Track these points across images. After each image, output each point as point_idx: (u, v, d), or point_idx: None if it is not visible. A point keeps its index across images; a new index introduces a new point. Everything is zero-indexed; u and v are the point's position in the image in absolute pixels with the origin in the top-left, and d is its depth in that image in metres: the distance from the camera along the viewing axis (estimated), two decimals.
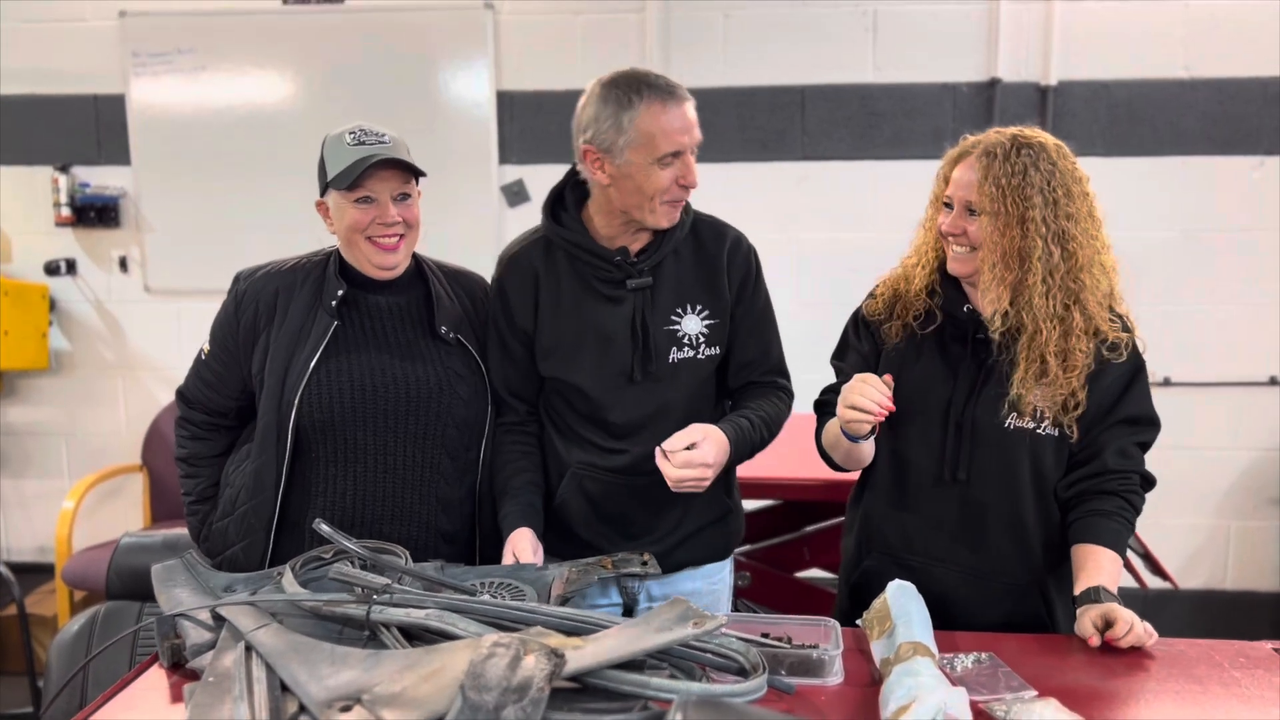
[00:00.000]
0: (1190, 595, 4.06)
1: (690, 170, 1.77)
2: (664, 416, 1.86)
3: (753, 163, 3.99)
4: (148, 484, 4.12)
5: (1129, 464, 1.73)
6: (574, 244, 1.85)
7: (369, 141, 1.80)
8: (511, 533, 1.83)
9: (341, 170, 1.78)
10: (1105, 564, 1.64)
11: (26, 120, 4.15)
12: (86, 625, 2.11)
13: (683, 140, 1.74)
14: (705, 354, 1.88)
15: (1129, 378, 1.75)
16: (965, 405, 1.75)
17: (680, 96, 1.75)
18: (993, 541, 1.77)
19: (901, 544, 1.83)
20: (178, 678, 1.41)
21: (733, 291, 1.90)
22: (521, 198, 4.06)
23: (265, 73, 4.07)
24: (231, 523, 1.91)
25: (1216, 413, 3.97)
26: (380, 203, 1.81)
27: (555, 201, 1.91)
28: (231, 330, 1.91)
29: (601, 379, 1.86)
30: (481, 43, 3.99)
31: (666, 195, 1.76)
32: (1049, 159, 1.68)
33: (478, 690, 1.05)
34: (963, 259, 1.74)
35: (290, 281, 1.91)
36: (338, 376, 1.85)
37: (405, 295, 1.93)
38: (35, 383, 4.30)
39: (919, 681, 1.26)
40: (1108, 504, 1.70)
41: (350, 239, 1.85)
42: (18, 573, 3.49)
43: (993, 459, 1.75)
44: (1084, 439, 1.73)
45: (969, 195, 1.70)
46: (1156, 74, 3.85)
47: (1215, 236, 3.89)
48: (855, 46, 3.93)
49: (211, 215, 4.11)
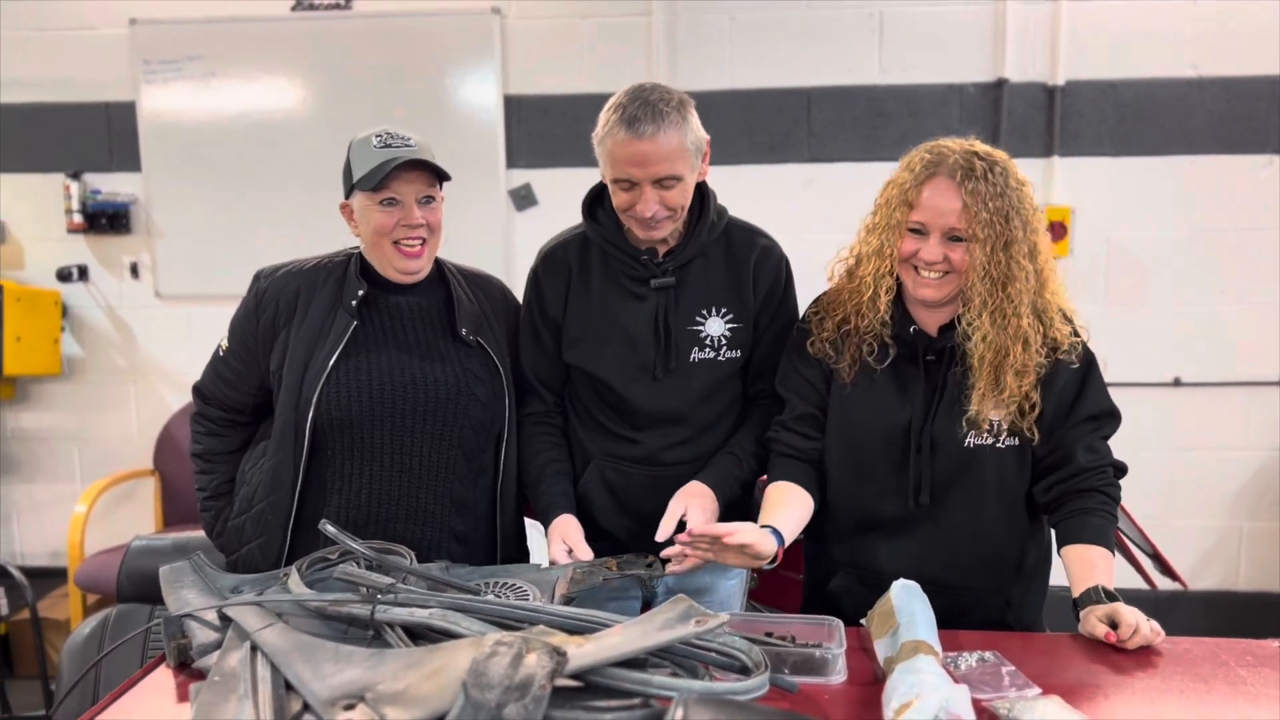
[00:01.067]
0: (1202, 596, 4.03)
1: (642, 202, 1.76)
2: (681, 413, 1.91)
3: (759, 165, 3.99)
4: (159, 488, 4.15)
5: (1099, 459, 1.74)
6: (606, 240, 1.91)
7: (395, 144, 1.83)
8: (557, 518, 1.86)
9: (367, 171, 1.80)
10: (1099, 562, 1.65)
11: (38, 128, 4.19)
12: (98, 627, 2.13)
13: (631, 171, 1.74)
14: (726, 356, 1.91)
15: (1082, 376, 1.75)
16: (923, 428, 1.74)
17: (639, 131, 1.71)
18: (961, 558, 1.77)
19: (869, 565, 1.82)
20: (184, 677, 1.42)
21: (758, 299, 1.93)
22: (529, 201, 4.07)
23: (274, 79, 4.09)
24: (248, 520, 1.92)
25: (1227, 413, 3.95)
26: (405, 205, 1.83)
27: (594, 200, 1.96)
28: (251, 327, 1.93)
29: (623, 371, 1.90)
30: (489, 47, 4.00)
31: (627, 212, 1.81)
32: (1013, 173, 1.68)
33: (480, 688, 1.05)
34: (936, 284, 1.70)
35: (312, 280, 1.92)
36: (356, 375, 1.86)
37: (426, 297, 1.95)
38: (48, 388, 4.33)
39: (921, 679, 1.26)
40: (1088, 501, 1.71)
41: (376, 242, 1.86)
42: (30, 577, 3.51)
43: (956, 478, 1.75)
44: (1050, 443, 1.73)
45: (952, 222, 1.65)
46: (1164, 73, 3.84)
47: (1224, 236, 3.88)
48: (861, 48, 3.93)
49: (221, 221, 4.14)
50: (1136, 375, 3.92)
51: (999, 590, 1.79)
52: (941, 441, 1.74)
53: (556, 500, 1.90)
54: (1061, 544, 1.72)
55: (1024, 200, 1.67)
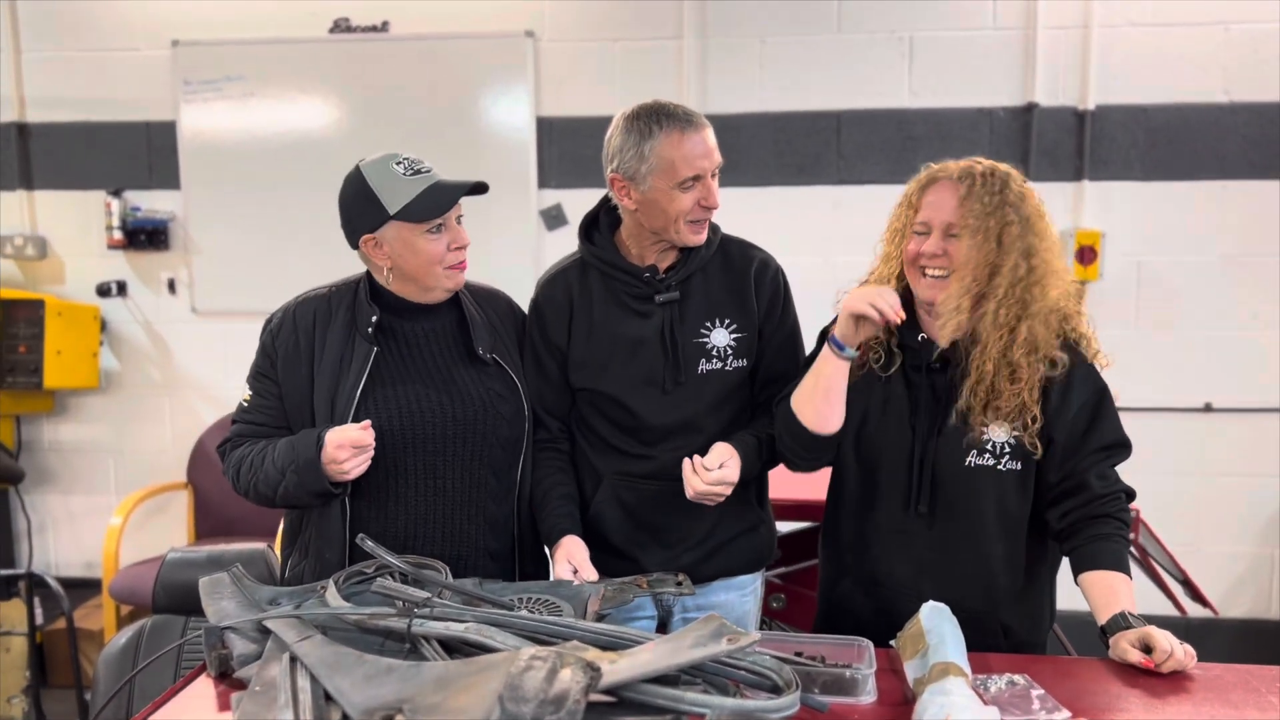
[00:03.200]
0: (1233, 624, 3.98)
1: (711, 193, 1.86)
2: (693, 424, 1.94)
3: (789, 187, 4.01)
4: (193, 501, 4.20)
5: (1111, 485, 1.75)
6: (606, 262, 1.94)
7: (423, 170, 1.83)
8: (562, 539, 1.88)
9: (413, 200, 1.80)
10: (1120, 588, 1.66)
11: (81, 146, 4.28)
12: (133, 639, 2.15)
13: (702, 165, 1.83)
14: (733, 365, 1.95)
15: (1094, 407, 1.76)
16: (928, 441, 1.77)
17: (698, 124, 1.83)
18: (958, 574, 1.78)
19: (870, 574, 1.85)
20: (224, 687, 1.45)
21: (761, 310, 1.97)
22: (560, 221, 4.11)
23: (311, 99, 4.17)
24: (306, 565, 1.92)
25: (1258, 439, 3.91)
26: (449, 227, 1.85)
27: (590, 225, 2.01)
28: (268, 368, 1.92)
29: (633, 387, 1.93)
30: (522, 70, 4.06)
31: (690, 216, 1.86)
32: (1016, 182, 1.74)
33: (515, 701, 1.07)
34: (937, 284, 1.74)
35: (325, 309, 1.92)
36: (385, 405, 1.86)
37: (440, 320, 1.96)
38: (85, 401, 4.40)
39: (951, 701, 1.27)
40: (1104, 527, 1.72)
41: (429, 271, 1.86)
42: (66, 587, 3.55)
43: (956, 496, 1.77)
44: (1062, 470, 1.74)
45: (948, 217, 1.73)
46: (1196, 99, 3.83)
47: (1256, 261, 3.85)
48: (891, 72, 3.96)
49: (258, 239, 4.22)
50: (1167, 400, 3.89)
51: (993, 614, 1.79)
52: (941, 457, 1.76)
53: (560, 522, 1.92)
54: (1078, 570, 1.72)
55: (1025, 202, 1.73)
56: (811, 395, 1.80)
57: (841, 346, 1.75)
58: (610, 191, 1.92)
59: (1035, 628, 1.84)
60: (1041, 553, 1.83)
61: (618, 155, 1.85)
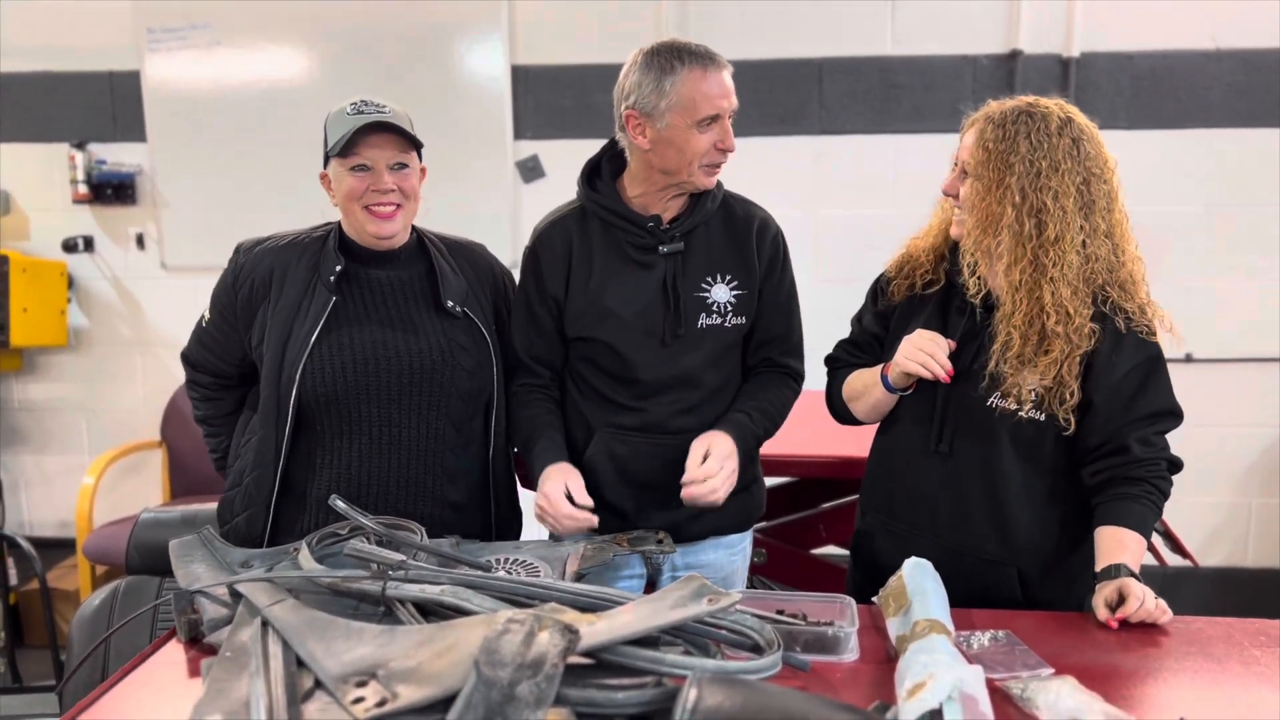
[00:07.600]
0: (1210, 573, 4.03)
1: (728, 134, 1.84)
2: (689, 379, 1.92)
3: (770, 137, 3.95)
4: (166, 459, 4.15)
5: (1155, 452, 1.69)
6: (609, 210, 1.90)
7: (368, 111, 1.83)
8: (555, 463, 1.85)
9: (341, 136, 1.80)
10: (1129, 544, 1.61)
11: (42, 97, 4.16)
12: (107, 599, 2.14)
13: (721, 104, 1.81)
14: (732, 322, 1.93)
15: (1145, 371, 1.71)
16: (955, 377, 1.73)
17: (720, 63, 1.82)
18: (973, 517, 1.76)
19: (889, 509, 1.86)
20: (195, 652, 1.42)
21: (761, 269, 1.94)
22: (536, 173, 4.04)
23: (280, 48, 4.06)
24: (238, 494, 1.94)
25: (1239, 389, 3.94)
26: (376, 170, 1.83)
27: (592, 172, 1.96)
28: (229, 302, 1.95)
29: (632, 338, 1.90)
30: (496, 17, 3.96)
31: (705, 158, 1.83)
32: (1045, 130, 1.65)
33: (492, 666, 1.04)
34: (958, 222, 1.76)
35: (287, 258, 1.92)
36: (339, 352, 1.86)
37: (406, 269, 1.95)
38: (55, 359, 4.33)
39: (934, 659, 1.26)
40: (1134, 489, 1.67)
41: (347, 207, 1.87)
42: (39, 548, 3.53)
43: (974, 435, 1.75)
44: (1104, 432, 1.70)
45: (964, 155, 1.73)
46: (1182, 45, 3.79)
47: (1240, 210, 3.84)
48: (874, 18, 3.89)
49: (227, 191, 4.12)
50: None
51: (1010, 562, 1.76)
52: (965, 394, 1.73)
53: (551, 449, 1.89)
54: (1096, 525, 1.68)
55: (1043, 157, 1.64)
56: (864, 407, 1.89)
57: (892, 388, 1.79)
58: (621, 133, 1.87)
59: (1066, 589, 1.78)
60: (1082, 515, 1.77)
61: (635, 91, 1.81)
